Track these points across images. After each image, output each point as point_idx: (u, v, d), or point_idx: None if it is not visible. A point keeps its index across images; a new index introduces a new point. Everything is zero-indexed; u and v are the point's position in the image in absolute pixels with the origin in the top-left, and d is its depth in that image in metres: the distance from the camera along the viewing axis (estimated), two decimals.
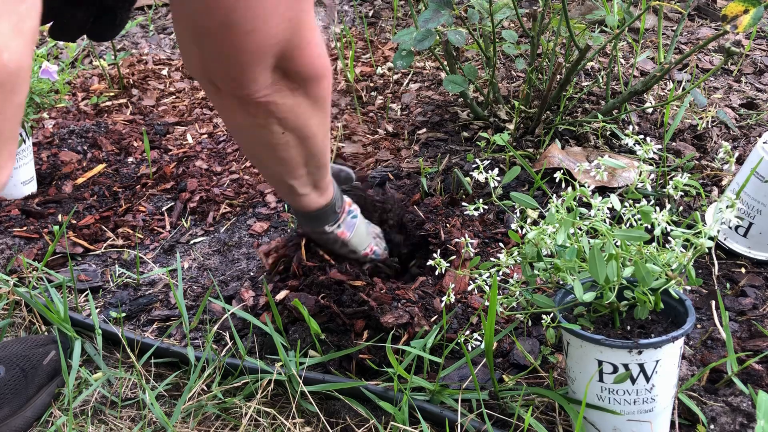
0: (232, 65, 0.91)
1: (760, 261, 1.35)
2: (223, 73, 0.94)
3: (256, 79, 0.93)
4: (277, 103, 0.97)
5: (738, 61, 2.23)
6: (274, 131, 1.02)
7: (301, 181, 1.13)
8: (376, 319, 1.15)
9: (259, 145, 1.06)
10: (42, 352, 1.18)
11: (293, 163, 1.09)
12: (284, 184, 1.14)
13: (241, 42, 0.87)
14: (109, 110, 2.18)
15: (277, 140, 1.04)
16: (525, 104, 1.82)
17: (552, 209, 0.95)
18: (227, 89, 0.96)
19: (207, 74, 0.97)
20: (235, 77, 0.93)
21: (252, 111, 0.98)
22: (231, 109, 1.00)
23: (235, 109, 0.99)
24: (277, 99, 0.97)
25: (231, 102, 0.98)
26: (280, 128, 1.02)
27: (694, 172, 1.63)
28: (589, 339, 0.91)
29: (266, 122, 1.00)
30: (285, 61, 0.92)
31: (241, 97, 0.96)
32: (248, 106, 0.97)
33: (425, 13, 1.53)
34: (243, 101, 0.96)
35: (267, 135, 1.03)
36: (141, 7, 3.05)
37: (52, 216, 1.65)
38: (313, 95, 1.00)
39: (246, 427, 1.08)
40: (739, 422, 1.03)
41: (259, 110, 0.98)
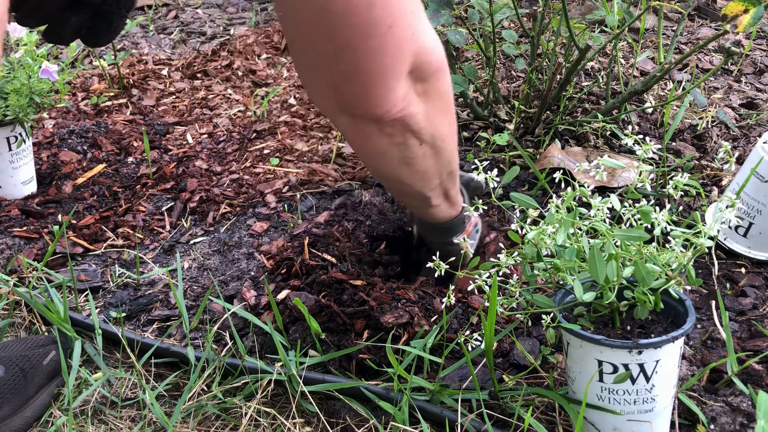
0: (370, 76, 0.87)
1: (760, 261, 1.35)
2: (359, 92, 0.89)
3: (394, 88, 0.89)
4: (412, 114, 0.93)
5: (738, 61, 2.23)
6: (412, 145, 0.98)
7: (436, 192, 1.10)
8: (376, 318, 1.16)
9: (398, 164, 1.02)
10: (42, 352, 1.18)
11: (430, 173, 1.06)
12: (420, 197, 1.10)
13: (382, 42, 0.83)
14: (109, 110, 2.18)
15: (415, 154, 1.00)
16: (525, 104, 1.82)
17: (552, 209, 0.95)
18: (364, 112, 0.92)
19: (341, 101, 0.92)
20: (372, 94, 0.89)
21: (388, 130, 0.94)
22: (368, 136, 0.96)
23: (372, 134, 0.95)
24: (412, 109, 0.93)
25: (367, 127, 0.94)
26: (417, 141, 0.98)
27: (694, 172, 1.63)
28: (589, 339, 0.91)
29: (404, 138, 0.97)
30: (419, 56, 0.88)
31: (379, 116, 0.91)
32: (384, 125, 0.93)
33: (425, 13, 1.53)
34: (380, 121, 0.92)
35: (405, 152, 0.99)
36: (141, 7, 3.05)
37: (52, 216, 1.65)
38: (441, 91, 0.96)
39: (246, 427, 1.08)
40: (739, 422, 1.03)
41: (396, 127, 0.94)
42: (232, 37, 2.70)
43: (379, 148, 0.98)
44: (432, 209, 1.14)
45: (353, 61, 0.85)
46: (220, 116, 2.11)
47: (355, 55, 0.84)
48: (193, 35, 2.80)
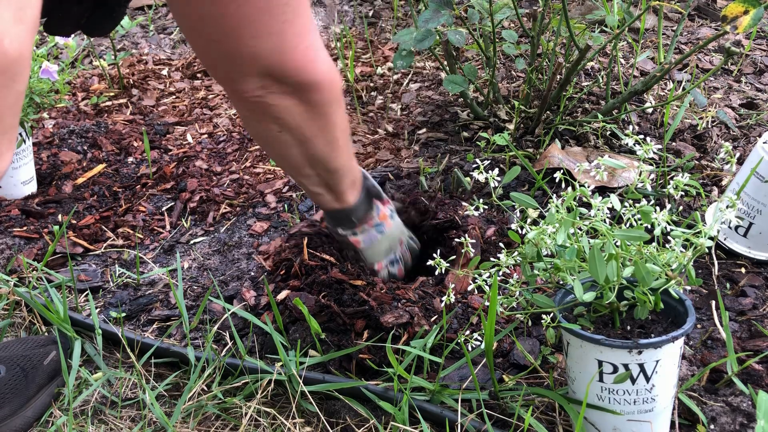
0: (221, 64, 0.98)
1: (760, 261, 1.35)
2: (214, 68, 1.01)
3: (244, 80, 0.98)
4: (269, 103, 1.00)
5: (738, 61, 2.23)
6: (271, 128, 1.05)
7: (311, 181, 1.15)
8: (376, 318, 1.15)
9: (262, 138, 1.11)
10: (42, 352, 1.18)
11: (295, 161, 1.11)
12: (295, 178, 1.18)
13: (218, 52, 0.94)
14: (109, 110, 2.18)
15: (275, 137, 1.07)
16: (525, 104, 1.82)
17: (552, 209, 0.95)
18: (226, 83, 1.02)
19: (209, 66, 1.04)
20: (226, 74, 1.00)
21: (249, 106, 1.02)
22: (234, 100, 1.05)
23: (236, 101, 1.05)
24: (269, 100, 1.00)
25: (233, 95, 1.03)
26: (276, 126, 1.04)
27: (694, 172, 1.63)
28: (589, 339, 0.91)
29: (262, 118, 1.04)
30: (272, 69, 0.96)
31: (236, 91, 1.00)
32: (245, 101, 1.01)
33: (425, 13, 1.53)
34: (240, 95, 1.01)
35: (265, 131, 1.06)
36: (141, 7, 3.05)
37: (52, 216, 1.65)
38: (310, 101, 1.02)
39: (246, 427, 1.08)
40: (739, 422, 1.03)
41: (254, 107, 1.02)
42: None
43: (243, 114, 1.08)
44: (314, 195, 1.20)
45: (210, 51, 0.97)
46: (220, 116, 2.11)
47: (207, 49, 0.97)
48: None
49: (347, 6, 2.78)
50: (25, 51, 0.62)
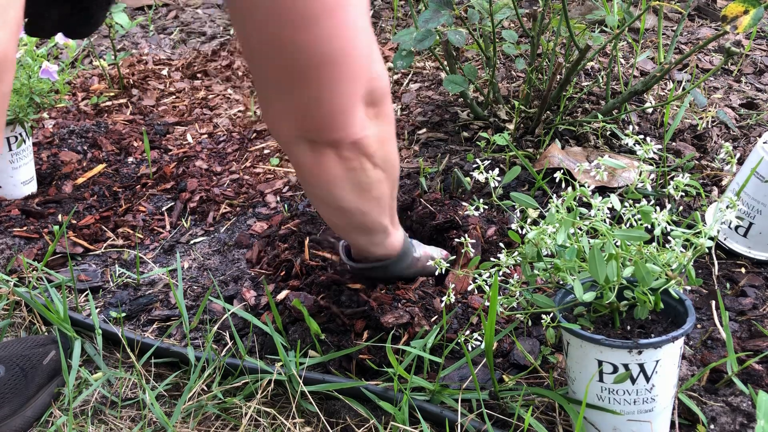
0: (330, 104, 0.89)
1: (760, 261, 1.35)
2: (319, 119, 0.91)
3: (354, 114, 0.92)
4: (367, 136, 0.95)
5: (738, 61, 2.23)
6: (367, 169, 0.99)
7: (386, 216, 1.10)
8: (377, 319, 1.15)
9: (355, 191, 1.02)
10: (42, 352, 1.18)
11: (385, 199, 1.06)
12: (379, 227, 1.10)
13: (342, 71, 0.86)
14: (109, 110, 2.18)
15: (370, 178, 1.01)
16: (525, 104, 1.82)
17: (552, 209, 0.95)
18: (324, 138, 0.93)
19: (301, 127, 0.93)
20: (332, 119, 0.91)
21: (345, 155, 0.96)
22: (325, 163, 0.96)
23: (329, 161, 0.96)
24: (368, 132, 0.95)
25: (325, 153, 0.95)
26: (371, 165, 0.99)
27: (694, 172, 1.63)
28: (589, 339, 0.91)
29: (360, 162, 0.98)
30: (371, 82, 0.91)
31: (338, 141, 0.93)
32: (342, 150, 0.95)
33: (425, 13, 1.53)
34: (338, 146, 0.94)
35: (361, 176, 1.00)
36: (141, 7, 3.05)
37: (52, 216, 1.65)
38: (387, 115, 0.99)
39: (246, 427, 1.08)
40: (739, 422, 1.03)
41: (353, 151, 0.95)
42: (232, 37, 2.70)
43: (336, 174, 0.98)
44: (387, 238, 1.13)
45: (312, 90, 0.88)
46: (220, 116, 2.11)
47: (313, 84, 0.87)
48: (193, 35, 2.80)
49: None
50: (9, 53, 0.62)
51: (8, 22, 0.61)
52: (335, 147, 0.94)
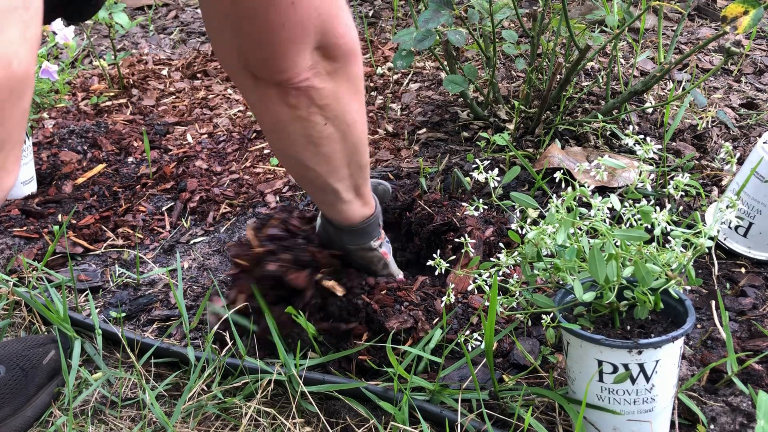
0: (274, 46, 0.90)
1: (760, 261, 1.35)
2: (262, 57, 0.92)
3: (297, 60, 0.91)
4: (317, 87, 0.95)
5: (738, 61, 2.23)
6: (317, 122, 0.99)
7: (345, 184, 1.08)
8: (380, 323, 1.15)
9: (301, 141, 1.02)
10: (42, 352, 1.18)
11: (336, 160, 1.05)
12: (328, 188, 1.08)
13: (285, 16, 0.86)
14: (109, 110, 2.18)
15: (320, 132, 1.00)
16: (525, 104, 1.82)
17: (552, 209, 0.95)
18: (266, 76, 0.94)
19: (244, 62, 0.94)
20: (275, 60, 0.92)
21: (292, 101, 0.96)
22: (270, 101, 0.97)
23: (274, 101, 0.97)
24: (317, 83, 0.95)
25: (270, 92, 0.95)
26: (322, 118, 0.99)
27: (694, 172, 1.63)
28: (589, 339, 0.91)
29: (308, 112, 0.97)
30: (325, 36, 0.91)
31: (281, 83, 0.94)
32: (288, 95, 0.95)
33: (425, 13, 1.53)
34: (283, 89, 0.94)
35: (309, 127, 0.99)
36: (141, 7, 3.05)
37: (52, 216, 1.65)
38: (351, 74, 0.98)
39: (246, 427, 1.08)
40: (739, 422, 1.03)
41: (300, 98, 0.96)
42: None
43: (281, 117, 0.98)
44: (344, 206, 1.11)
45: (257, 28, 0.88)
46: (220, 116, 2.12)
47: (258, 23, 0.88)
48: (193, 35, 2.80)
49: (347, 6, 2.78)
50: (30, 70, 0.63)
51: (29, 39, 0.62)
52: (279, 87, 0.95)
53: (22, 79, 0.62)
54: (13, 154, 0.66)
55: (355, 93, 1.00)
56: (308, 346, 1.17)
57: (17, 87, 0.62)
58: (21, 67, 0.61)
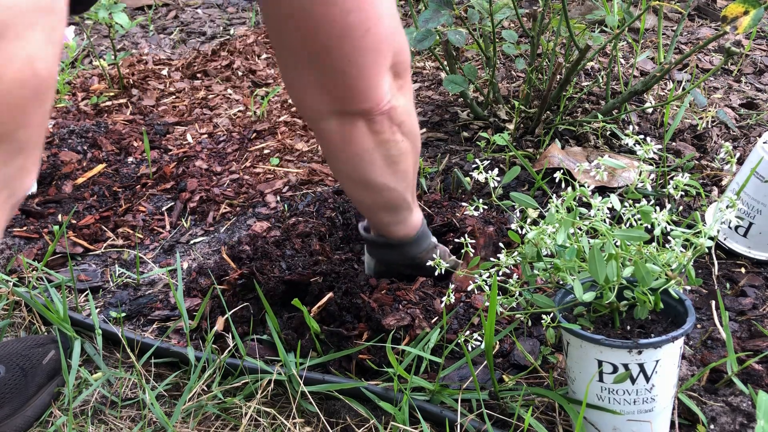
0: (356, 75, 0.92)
1: (760, 261, 1.35)
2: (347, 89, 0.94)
3: (380, 84, 0.94)
4: (396, 107, 0.98)
5: (738, 61, 2.23)
6: (397, 140, 1.02)
7: (411, 193, 1.12)
8: (378, 320, 1.15)
9: (384, 164, 1.04)
10: (41, 352, 1.18)
11: (410, 172, 1.08)
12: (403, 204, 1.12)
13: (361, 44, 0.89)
14: (109, 110, 2.18)
15: (399, 150, 1.03)
16: (525, 104, 1.82)
17: (552, 209, 0.95)
18: (353, 108, 0.96)
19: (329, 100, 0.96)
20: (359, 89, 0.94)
21: (377, 126, 0.98)
22: (356, 134, 0.99)
23: (361, 133, 0.98)
24: (396, 103, 0.97)
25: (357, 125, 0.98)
26: (401, 135, 1.02)
27: (694, 172, 1.63)
28: (589, 339, 0.91)
29: (391, 133, 1.00)
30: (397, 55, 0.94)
31: (368, 111, 0.96)
32: (374, 122, 0.97)
33: (425, 13, 1.53)
34: (369, 117, 0.96)
35: (391, 148, 1.02)
36: (141, 7, 3.05)
37: (52, 216, 1.65)
38: (410, 86, 1.01)
39: (246, 427, 1.08)
40: (739, 422, 1.03)
41: (384, 122, 0.98)
42: (232, 37, 2.70)
43: (366, 146, 1.00)
44: (410, 215, 1.15)
45: (336, 61, 0.90)
46: (220, 116, 2.11)
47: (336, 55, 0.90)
48: (193, 35, 2.80)
49: None
50: (53, 72, 0.64)
51: (54, 41, 0.62)
52: (366, 118, 0.97)
53: (46, 80, 0.62)
54: (34, 155, 0.67)
55: (413, 104, 1.04)
56: (309, 347, 1.17)
57: (41, 88, 0.62)
58: (45, 68, 0.62)
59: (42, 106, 0.64)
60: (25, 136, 0.64)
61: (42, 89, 0.62)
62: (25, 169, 0.66)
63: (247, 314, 1.23)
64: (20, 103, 0.61)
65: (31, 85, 0.61)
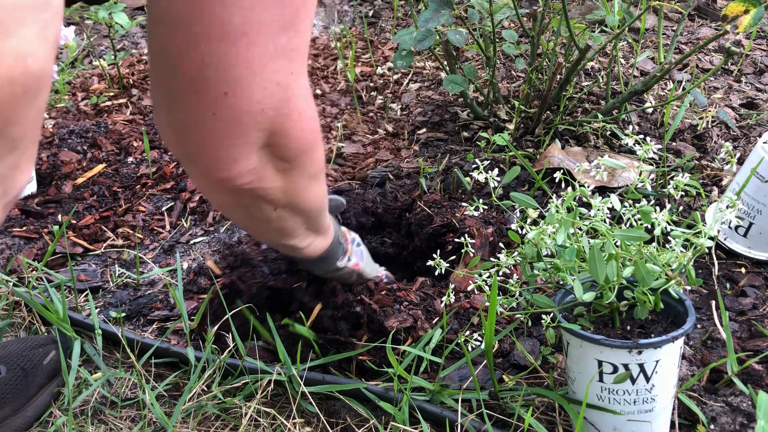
0: (208, 138, 0.76)
1: (760, 261, 1.35)
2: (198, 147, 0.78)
3: (237, 159, 0.78)
4: (264, 188, 0.84)
5: (738, 61, 2.23)
6: (264, 209, 0.89)
7: (302, 238, 1.02)
8: (380, 322, 1.15)
9: (250, 220, 0.93)
10: (42, 352, 1.18)
11: (290, 229, 0.97)
12: (285, 246, 1.03)
13: (213, 106, 0.72)
14: (109, 110, 2.18)
15: (269, 215, 0.90)
16: (525, 104, 1.82)
17: (552, 209, 0.95)
18: (204, 170, 0.80)
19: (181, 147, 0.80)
20: (211, 154, 0.78)
21: (236, 194, 0.84)
22: (211, 189, 0.85)
23: (215, 189, 0.84)
24: (265, 184, 0.83)
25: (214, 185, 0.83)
26: (271, 207, 0.89)
27: (694, 172, 1.63)
28: (589, 339, 0.91)
29: (252, 203, 0.87)
30: (274, 137, 0.78)
31: (221, 180, 0.80)
32: (229, 191, 0.83)
33: (425, 13, 1.53)
34: (224, 185, 0.81)
35: (256, 213, 0.89)
36: (141, 7, 3.05)
37: (52, 216, 1.65)
38: (308, 167, 0.87)
39: (246, 427, 1.08)
40: (739, 422, 1.03)
41: (243, 195, 0.84)
42: None
43: (224, 201, 0.88)
44: (303, 250, 1.05)
45: (186, 115, 0.75)
46: None
47: (187, 109, 0.75)
48: None
49: (347, 6, 2.78)
50: (47, 69, 0.63)
51: (48, 38, 0.62)
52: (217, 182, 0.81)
53: (39, 77, 0.62)
54: (28, 153, 0.66)
55: (312, 183, 0.90)
56: (309, 349, 1.17)
57: (33, 85, 0.62)
58: (37, 65, 0.61)
59: (35, 103, 0.63)
60: (17, 133, 0.63)
61: (34, 86, 0.62)
62: (18, 168, 0.66)
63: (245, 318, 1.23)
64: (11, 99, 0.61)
65: (22, 82, 0.60)
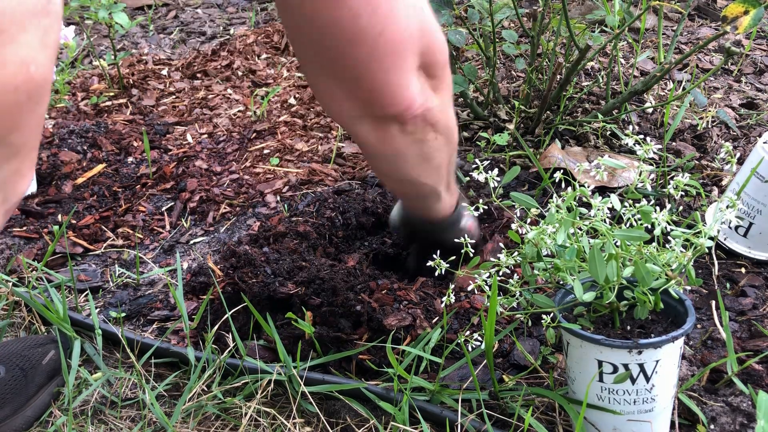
0: (377, 80, 0.87)
1: (760, 261, 1.35)
2: (371, 95, 0.90)
3: (407, 87, 0.89)
4: (431, 108, 0.94)
5: (738, 61, 2.23)
6: (430, 138, 0.99)
7: (444, 183, 1.11)
8: (379, 320, 1.15)
9: (418, 162, 1.02)
10: (41, 352, 1.18)
11: (444, 165, 1.07)
12: (434, 194, 1.11)
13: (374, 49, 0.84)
14: (109, 110, 2.18)
15: (431, 147, 1.00)
16: (525, 104, 1.82)
17: (552, 209, 0.95)
18: (383, 113, 0.92)
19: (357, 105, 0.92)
20: (385, 94, 0.89)
21: (410, 128, 0.95)
22: (390, 137, 0.96)
23: (395, 135, 0.95)
24: (430, 104, 0.94)
25: (390, 128, 0.94)
26: (434, 133, 0.99)
27: (694, 172, 1.63)
28: (589, 339, 0.91)
29: (424, 133, 0.97)
30: (425, 55, 0.89)
31: (400, 113, 0.92)
32: (407, 124, 0.94)
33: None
34: (402, 119, 0.93)
35: (424, 146, 0.99)
36: (141, 7, 3.05)
37: (51, 216, 1.65)
38: (448, 83, 0.97)
39: (246, 427, 1.08)
40: (739, 422, 1.03)
41: (417, 123, 0.95)
42: (232, 37, 2.70)
43: (400, 147, 0.98)
44: (440, 204, 1.14)
45: (351, 68, 0.87)
46: (220, 116, 2.11)
47: (350, 63, 0.86)
48: (193, 35, 2.80)
49: None
50: (48, 75, 0.64)
51: (48, 45, 0.62)
52: (399, 121, 0.93)
53: (40, 84, 0.62)
54: (29, 158, 0.67)
55: (451, 97, 1.00)
56: (309, 348, 1.17)
57: (35, 92, 0.62)
58: (39, 72, 0.61)
59: (36, 110, 0.64)
60: (19, 139, 0.64)
61: (36, 93, 0.62)
62: (20, 173, 0.66)
63: (245, 318, 1.23)
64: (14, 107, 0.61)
65: (25, 89, 0.61)
